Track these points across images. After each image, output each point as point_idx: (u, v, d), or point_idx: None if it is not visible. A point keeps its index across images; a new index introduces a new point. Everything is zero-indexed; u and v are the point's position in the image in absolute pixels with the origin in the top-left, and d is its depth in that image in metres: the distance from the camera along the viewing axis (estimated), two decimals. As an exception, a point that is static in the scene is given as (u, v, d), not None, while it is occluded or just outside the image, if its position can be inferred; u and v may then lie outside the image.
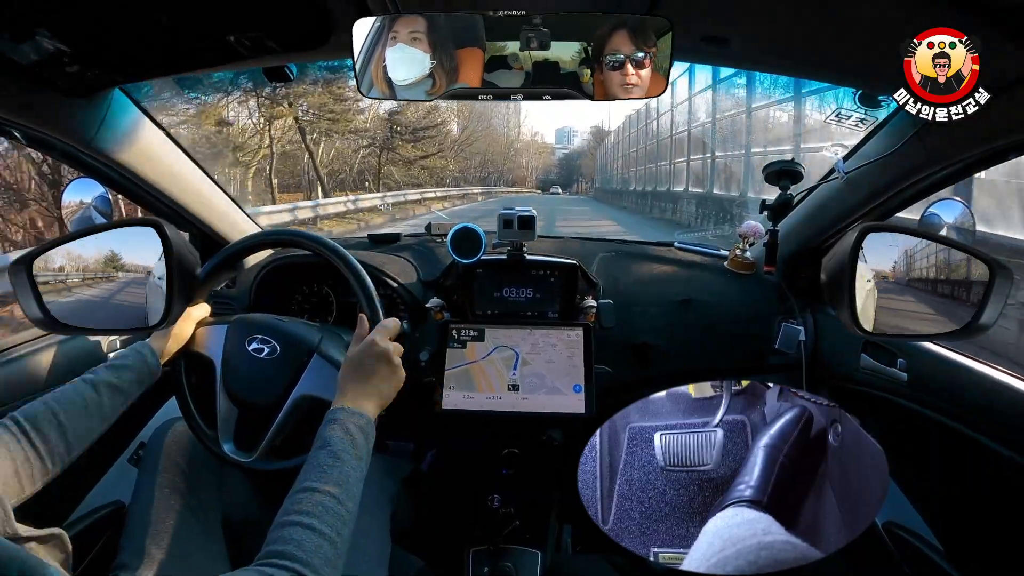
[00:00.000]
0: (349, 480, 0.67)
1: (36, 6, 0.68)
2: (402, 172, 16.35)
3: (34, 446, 0.72)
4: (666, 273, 1.36)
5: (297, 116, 12.53)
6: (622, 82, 0.77)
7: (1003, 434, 0.88)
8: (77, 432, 0.77)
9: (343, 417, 0.72)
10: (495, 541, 1.16)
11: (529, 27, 0.74)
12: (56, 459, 0.74)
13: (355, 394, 0.77)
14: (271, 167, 11.93)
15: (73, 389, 0.79)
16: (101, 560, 1.05)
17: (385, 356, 0.80)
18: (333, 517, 0.63)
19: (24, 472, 0.70)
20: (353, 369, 0.79)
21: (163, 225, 0.84)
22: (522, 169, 26.21)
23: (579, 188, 27.13)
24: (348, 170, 14.85)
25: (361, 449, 0.71)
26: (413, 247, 1.43)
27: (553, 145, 28.53)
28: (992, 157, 0.84)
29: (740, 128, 9.11)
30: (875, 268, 0.83)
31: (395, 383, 0.81)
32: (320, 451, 0.69)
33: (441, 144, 17.70)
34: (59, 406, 0.76)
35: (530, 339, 1.17)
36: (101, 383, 0.81)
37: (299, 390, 0.93)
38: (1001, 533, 0.97)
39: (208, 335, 0.97)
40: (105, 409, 0.81)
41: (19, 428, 0.72)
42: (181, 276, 0.86)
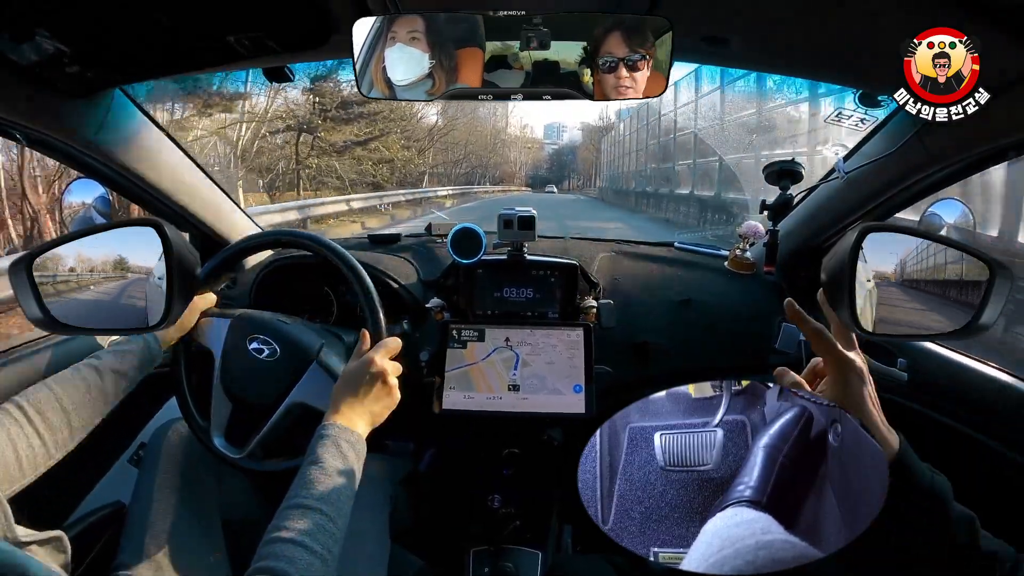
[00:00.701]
0: (340, 497, 0.68)
1: (36, 6, 0.68)
2: (350, 167, 11.89)
3: (37, 430, 0.72)
4: (666, 273, 1.36)
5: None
6: (615, 84, 0.77)
7: (1003, 434, 0.88)
8: (80, 416, 0.77)
9: (335, 433, 0.73)
10: (495, 541, 1.16)
11: (529, 27, 0.74)
12: (59, 444, 0.74)
13: (348, 411, 0.77)
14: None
15: (76, 373, 0.80)
16: (101, 560, 1.05)
17: (382, 376, 0.79)
18: (324, 535, 0.63)
19: (26, 457, 0.70)
20: (348, 385, 0.79)
21: (163, 225, 0.84)
22: (510, 164, 24.07)
23: (571, 185, 25.58)
24: (280, 165, 10.93)
25: (352, 464, 0.72)
26: (413, 247, 1.43)
27: (542, 140, 27.03)
28: (992, 157, 0.85)
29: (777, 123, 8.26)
30: (875, 268, 0.83)
31: (388, 404, 0.81)
32: (311, 467, 0.69)
33: (409, 132, 14.59)
34: (62, 390, 0.76)
35: (530, 339, 1.17)
36: (104, 367, 0.82)
37: (294, 396, 0.93)
38: (1001, 533, 0.97)
39: (211, 327, 0.98)
40: (108, 393, 0.81)
41: (22, 412, 0.72)
42: (181, 276, 0.86)
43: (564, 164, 26.99)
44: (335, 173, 11.88)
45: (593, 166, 25.47)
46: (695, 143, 11.28)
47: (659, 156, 14.24)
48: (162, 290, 0.87)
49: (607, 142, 22.20)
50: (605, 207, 17.62)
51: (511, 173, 24.18)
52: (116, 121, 0.99)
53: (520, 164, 24.82)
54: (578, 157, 26.84)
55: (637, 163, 16.94)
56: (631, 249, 1.45)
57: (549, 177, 25.73)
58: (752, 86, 8.46)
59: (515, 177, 24.09)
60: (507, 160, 24.21)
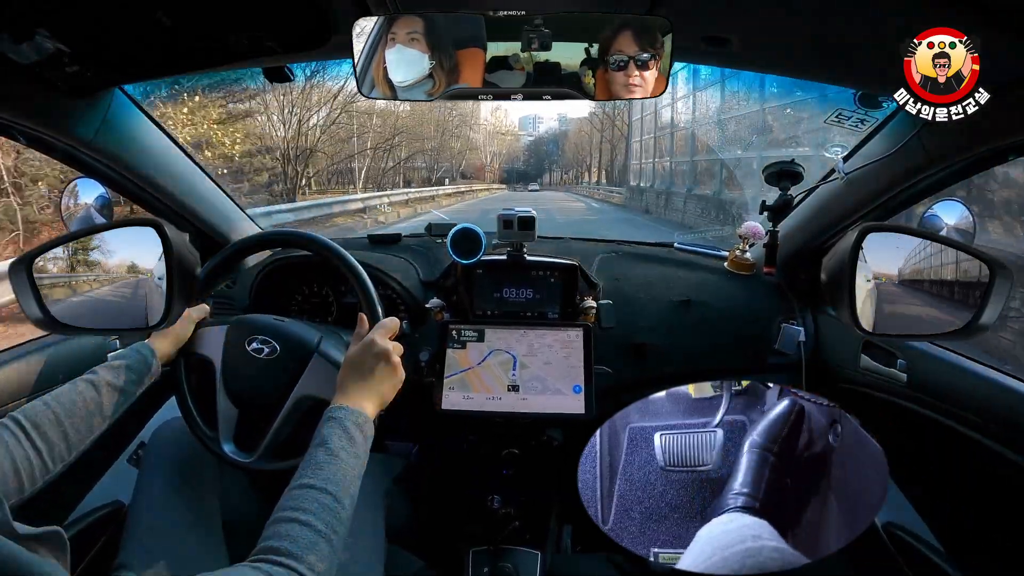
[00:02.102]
0: (346, 478, 0.68)
1: (36, 6, 0.68)
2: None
3: (35, 446, 0.72)
4: (666, 273, 1.36)
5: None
6: (625, 82, 0.77)
7: (1003, 434, 0.88)
8: (78, 432, 0.77)
9: (341, 415, 0.73)
10: (495, 541, 1.16)
11: (530, 27, 0.74)
12: (56, 458, 0.74)
13: (354, 393, 0.77)
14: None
15: (73, 389, 0.80)
16: (101, 560, 1.05)
17: (384, 355, 0.80)
18: (329, 514, 0.63)
19: (25, 470, 0.70)
20: (352, 368, 0.79)
21: (163, 225, 0.84)
22: (478, 152, 18.81)
23: (552, 180, 21.51)
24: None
25: (359, 447, 0.72)
26: (413, 247, 1.43)
27: (518, 130, 22.41)
28: (992, 157, 0.85)
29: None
30: (875, 268, 0.83)
31: (394, 382, 0.81)
32: (317, 448, 0.69)
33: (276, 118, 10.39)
34: (59, 406, 0.76)
35: (530, 339, 1.17)
36: (101, 383, 0.82)
37: (299, 390, 0.93)
38: (1001, 533, 0.97)
39: (208, 336, 0.97)
40: (105, 409, 0.81)
41: (20, 428, 0.72)
42: (181, 276, 0.86)
43: (545, 156, 22.23)
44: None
45: (595, 155, 20.23)
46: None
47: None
48: (162, 290, 0.87)
49: (644, 121, 14.99)
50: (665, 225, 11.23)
51: (480, 166, 19.44)
52: (116, 121, 0.99)
53: (493, 155, 20.24)
54: (566, 145, 21.97)
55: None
56: (631, 249, 1.45)
57: (528, 171, 21.20)
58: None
59: (486, 173, 19.54)
60: (475, 145, 19.18)
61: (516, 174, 20.37)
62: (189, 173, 1.20)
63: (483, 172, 19.40)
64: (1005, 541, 0.96)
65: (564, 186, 21.02)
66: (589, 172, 20.87)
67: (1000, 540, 0.97)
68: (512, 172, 20.37)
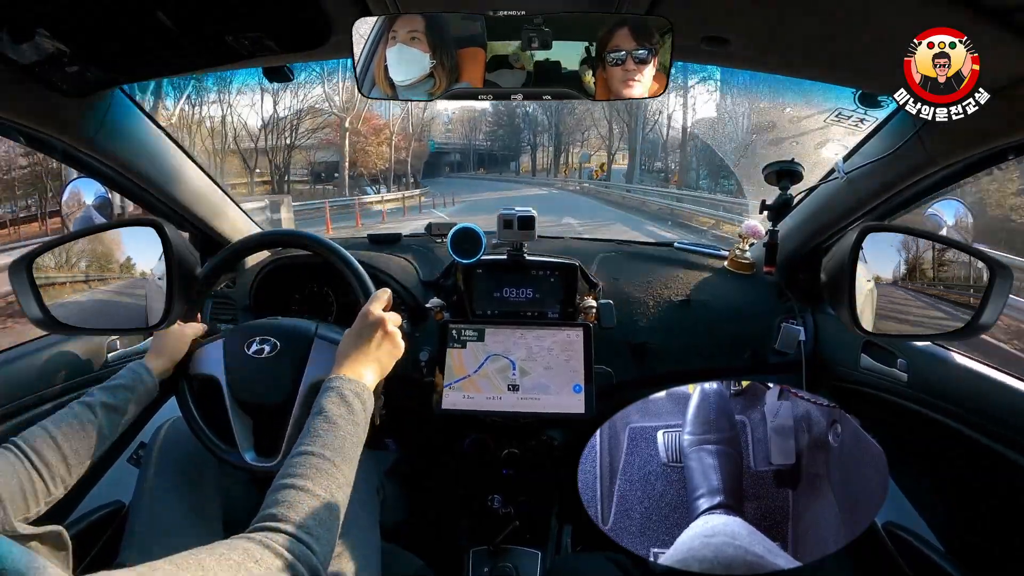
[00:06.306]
0: (345, 444, 0.68)
1: (36, 6, 0.68)
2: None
3: (36, 469, 0.72)
4: (666, 273, 1.36)
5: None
6: (624, 78, 0.77)
7: (1003, 434, 0.88)
8: (77, 454, 0.77)
9: (338, 384, 0.73)
10: (495, 541, 1.16)
11: (530, 27, 0.74)
12: (58, 481, 0.74)
13: (352, 362, 0.77)
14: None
15: (70, 412, 0.79)
16: (101, 560, 1.05)
17: (381, 324, 0.80)
18: (326, 478, 0.63)
19: (29, 492, 0.71)
20: (350, 340, 0.81)
21: (163, 225, 0.85)
22: (369, 157, 12.43)
23: (537, 167, 14.99)
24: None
25: (357, 415, 0.72)
26: (413, 247, 1.43)
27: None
28: (992, 157, 0.85)
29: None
30: (875, 268, 0.83)
31: (393, 352, 0.82)
32: (315, 417, 0.69)
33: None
34: (57, 430, 0.76)
35: (530, 339, 1.17)
36: (97, 404, 0.81)
37: (308, 378, 0.92)
38: (1001, 533, 0.97)
39: (206, 354, 0.96)
40: (103, 430, 0.80)
41: (20, 452, 0.72)
42: (181, 276, 0.86)
43: (520, 130, 13.90)
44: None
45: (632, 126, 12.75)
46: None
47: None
48: (162, 290, 0.87)
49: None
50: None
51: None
52: (116, 121, 0.99)
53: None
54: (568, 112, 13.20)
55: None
56: (631, 249, 1.45)
57: (494, 154, 12.61)
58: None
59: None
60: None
61: (455, 164, 12.37)
62: (189, 173, 1.20)
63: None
64: (1005, 541, 0.96)
65: (550, 177, 13.88)
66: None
67: (1000, 540, 0.97)
68: (432, 165, 12.22)
